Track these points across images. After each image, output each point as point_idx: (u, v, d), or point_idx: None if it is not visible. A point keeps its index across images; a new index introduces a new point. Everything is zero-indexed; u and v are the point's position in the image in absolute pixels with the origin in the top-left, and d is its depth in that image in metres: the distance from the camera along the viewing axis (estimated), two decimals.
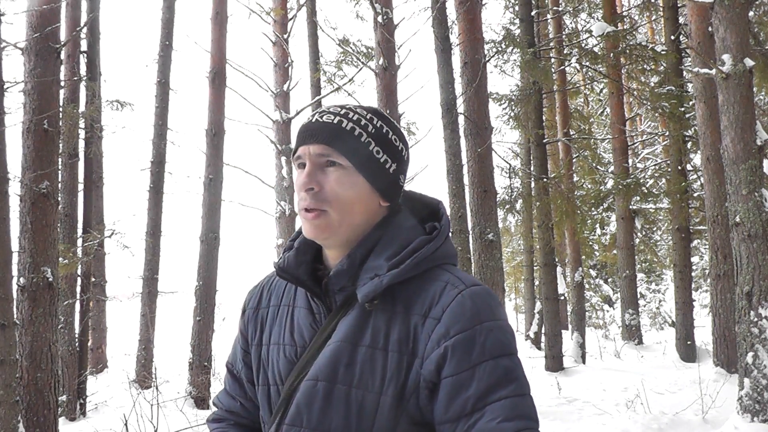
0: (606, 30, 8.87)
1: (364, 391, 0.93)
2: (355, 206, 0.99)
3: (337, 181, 0.98)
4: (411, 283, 0.98)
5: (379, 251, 0.99)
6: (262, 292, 1.15)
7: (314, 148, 0.99)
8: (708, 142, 7.22)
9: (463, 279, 0.98)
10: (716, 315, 7.41)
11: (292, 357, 1.03)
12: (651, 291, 19.92)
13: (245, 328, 1.15)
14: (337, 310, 1.00)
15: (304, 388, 0.96)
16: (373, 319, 0.96)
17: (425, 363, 0.93)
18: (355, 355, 0.95)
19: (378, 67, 7.26)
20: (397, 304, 0.97)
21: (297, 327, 1.04)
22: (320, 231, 0.98)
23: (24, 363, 4.67)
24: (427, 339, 0.93)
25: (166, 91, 10.87)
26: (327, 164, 0.98)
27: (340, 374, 0.94)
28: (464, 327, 0.92)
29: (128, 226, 14.72)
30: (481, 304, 0.95)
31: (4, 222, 4.28)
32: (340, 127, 0.99)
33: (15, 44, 4.99)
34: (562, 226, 10.93)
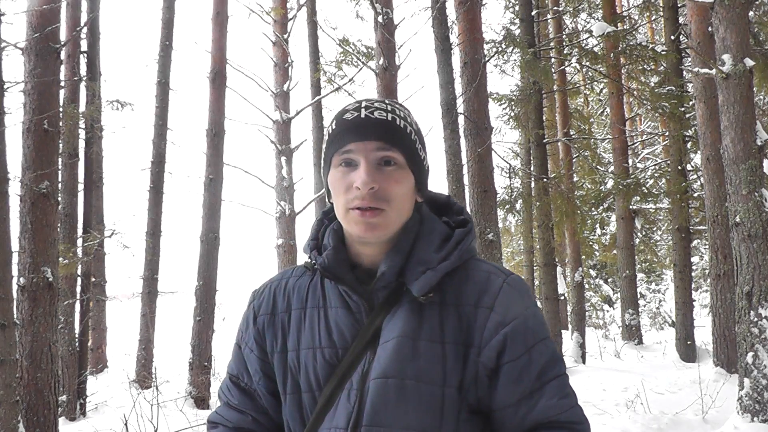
0: (606, 30, 8.87)
1: (431, 385, 0.94)
2: (407, 203, 1.00)
3: (396, 180, 0.97)
4: (455, 275, 0.99)
5: (424, 245, 1.00)
6: (275, 295, 1.09)
7: (372, 144, 0.97)
8: (708, 142, 7.21)
9: (500, 268, 1.03)
10: (716, 315, 7.41)
11: (332, 359, 0.99)
12: (651, 291, 19.91)
13: (260, 336, 1.08)
14: (380, 307, 0.99)
15: (376, 387, 0.94)
16: (426, 313, 0.97)
17: (484, 351, 0.95)
18: (418, 349, 0.94)
19: (378, 67, 7.26)
20: (447, 296, 0.98)
21: (336, 328, 1.00)
22: (378, 230, 0.96)
23: (24, 363, 4.67)
24: (482, 328, 0.95)
25: (166, 91, 10.88)
26: (384, 162, 0.97)
27: (407, 369, 0.93)
28: (517, 314, 0.96)
29: (128, 226, 14.73)
30: (523, 291, 1.00)
31: (4, 222, 4.28)
32: (394, 124, 0.99)
33: (15, 44, 4.99)
34: (562, 226, 10.93)
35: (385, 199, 0.96)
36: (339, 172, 0.98)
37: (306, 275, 1.09)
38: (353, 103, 1.02)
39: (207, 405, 7.82)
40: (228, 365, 1.14)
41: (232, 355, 1.13)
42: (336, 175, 0.99)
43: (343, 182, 0.97)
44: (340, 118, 1.00)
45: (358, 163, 0.96)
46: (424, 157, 1.03)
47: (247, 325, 1.10)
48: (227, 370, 1.14)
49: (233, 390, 1.10)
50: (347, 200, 0.96)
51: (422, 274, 0.96)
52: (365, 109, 0.99)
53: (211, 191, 8.37)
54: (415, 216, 1.03)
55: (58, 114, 5.13)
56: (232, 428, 1.09)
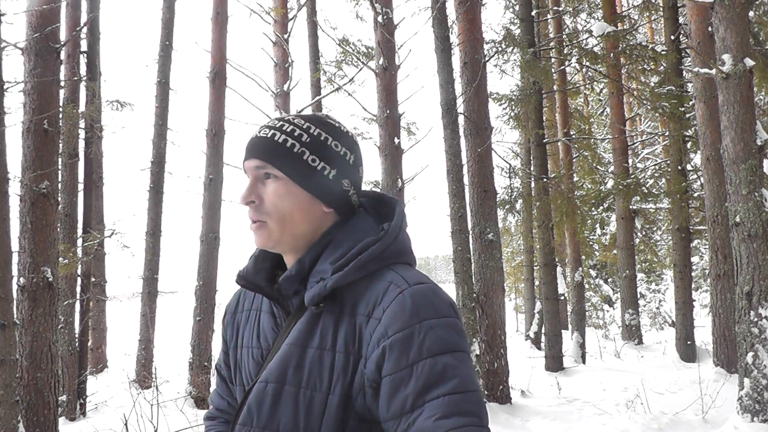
0: (606, 30, 8.88)
1: (313, 391, 0.97)
2: (295, 215, 1.03)
3: (274, 193, 1.02)
4: (358, 285, 0.99)
5: (326, 255, 1.02)
6: (240, 296, 1.20)
7: (251, 162, 1.04)
8: (708, 142, 7.22)
9: (408, 278, 0.98)
10: (716, 315, 7.41)
11: (258, 359, 1.08)
12: (651, 291, 19.91)
13: (225, 332, 1.20)
14: (294, 314, 1.04)
15: (255, 390, 1.01)
16: (321, 322, 1.00)
17: (368, 363, 0.95)
18: (304, 357, 0.98)
19: (378, 67, 7.26)
20: (345, 306, 0.99)
21: (262, 331, 1.09)
22: (263, 240, 1.04)
23: (24, 363, 4.67)
24: (369, 339, 0.95)
25: (166, 91, 10.87)
26: (265, 177, 1.03)
27: (289, 376, 0.98)
28: (402, 326, 0.92)
29: (128, 226, 14.74)
30: (422, 302, 0.94)
31: (4, 222, 4.28)
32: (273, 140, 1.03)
33: (15, 44, 4.99)
34: (562, 226, 10.93)
35: (265, 212, 1.02)
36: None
37: None
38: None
39: (207, 405, 7.82)
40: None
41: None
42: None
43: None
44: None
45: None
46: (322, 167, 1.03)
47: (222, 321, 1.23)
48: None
49: (217, 377, 1.24)
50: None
51: (315, 284, 0.99)
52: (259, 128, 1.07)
53: (211, 191, 8.37)
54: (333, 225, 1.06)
55: (58, 114, 5.13)
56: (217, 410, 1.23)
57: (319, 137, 1.04)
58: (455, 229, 6.56)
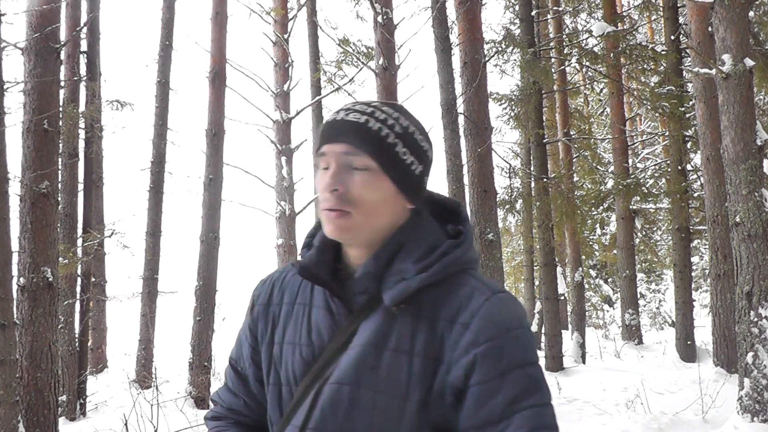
0: (606, 30, 8.88)
1: (389, 397, 0.92)
2: (380, 209, 0.97)
3: (362, 183, 0.95)
4: (437, 287, 0.96)
5: (405, 254, 0.97)
6: (273, 287, 1.12)
7: (339, 147, 0.96)
8: (708, 142, 7.22)
9: (489, 285, 0.98)
10: (716, 315, 7.41)
11: (308, 358, 1.00)
12: (651, 291, 19.91)
13: (254, 325, 1.11)
14: (359, 312, 0.98)
15: (329, 393, 0.94)
16: (398, 323, 0.95)
17: (453, 369, 0.92)
18: (380, 359, 0.93)
19: (378, 67, 7.26)
20: (423, 308, 0.95)
21: (315, 327, 1.01)
22: (342, 231, 0.96)
23: (24, 363, 4.67)
24: (454, 345, 0.92)
25: (166, 91, 10.87)
26: (352, 164, 0.96)
27: (365, 378, 0.92)
28: (493, 335, 0.92)
29: (128, 226, 14.69)
30: (508, 311, 0.95)
31: (4, 222, 4.28)
32: (366, 127, 0.97)
33: (15, 44, 4.99)
34: (562, 226, 10.93)
35: (351, 202, 0.95)
36: (319, 173, 0.99)
37: None
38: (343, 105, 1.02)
39: (207, 405, 7.82)
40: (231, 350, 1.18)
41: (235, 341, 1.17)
42: (317, 177, 1.00)
43: (320, 183, 0.98)
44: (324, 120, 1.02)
45: (330, 166, 0.97)
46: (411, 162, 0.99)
47: (247, 312, 1.14)
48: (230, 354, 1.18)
49: (230, 373, 1.15)
50: (322, 201, 0.97)
51: (396, 284, 0.94)
52: (344, 111, 0.99)
53: (211, 191, 8.37)
54: (409, 222, 1.00)
55: (58, 114, 5.13)
56: (227, 409, 1.15)
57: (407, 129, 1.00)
58: None
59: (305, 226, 14.21)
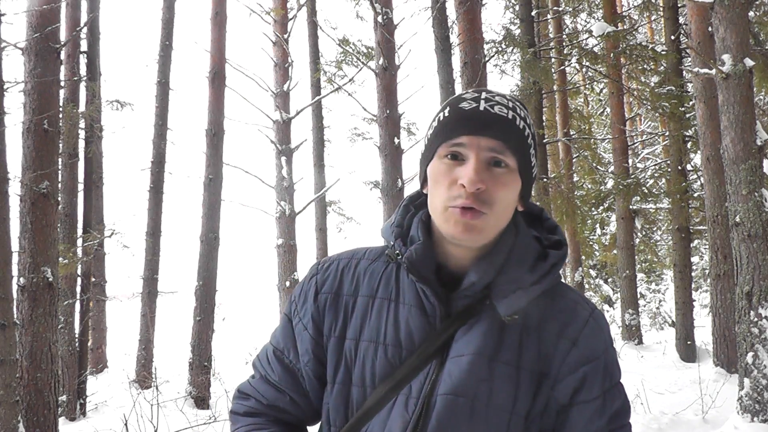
0: (606, 30, 8.87)
1: (499, 411, 0.88)
2: (509, 211, 0.92)
3: (505, 184, 0.89)
4: (541, 299, 0.93)
5: (517, 261, 0.92)
6: (342, 275, 1.00)
7: (487, 142, 0.88)
8: (708, 142, 7.21)
9: (585, 299, 0.98)
10: (716, 315, 7.41)
11: (394, 359, 0.92)
12: (651, 291, 19.89)
13: (319, 315, 0.99)
14: (457, 317, 0.92)
15: (446, 404, 0.87)
16: (506, 334, 0.91)
17: (559, 385, 0.91)
18: (492, 371, 0.89)
19: (378, 67, 7.26)
20: (530, 320, 0.92)
21: (405, 327, 0.93)
22: (475, 233, 0.88)
23: (24, 363, 4.67)
24: (561, 360, 0.91)
25: (166, 91, 10.88)
26: (494, 162, 0.89)
27: (479, 390, 0.88)
28: (600, 353, 0.93)
29: (128, 226, 14.72)
30: (606, 328, 0.96)
31: (4, 222, 4.28)
32: (514, 124, 0.90)
33: (15, 44, 4.98)
34: (562, 226, 10.92)
35: (489, 202, 0.88)
36: (444, 164, 0.90)
37: (380, 261, 1.00)
38: (471, 91, 0.93)
39: (207, 405, 7.82)
40: (272, 336, 1.05)
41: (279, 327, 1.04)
42: (440, 166, 0.91)
43: (447, 176, 0.89)
44: (455, 106, 0.91)
45: (467, 159, 0.88)
46: (534, 164, 0.95)
47: (305, 299, 1.01)
48: (271, 341, 1.05)
49: (275, 364, 1.02)
50: (449, 197, 0.88)
51: (512, 293, 0.89)
52: (485, 101, 0.90)
53: (211, 191, 8.37)
54: (511, 227, 0.95)
55: (58, 114, 5.13)
56: (267, 405, 1.02)
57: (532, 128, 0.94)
58: None
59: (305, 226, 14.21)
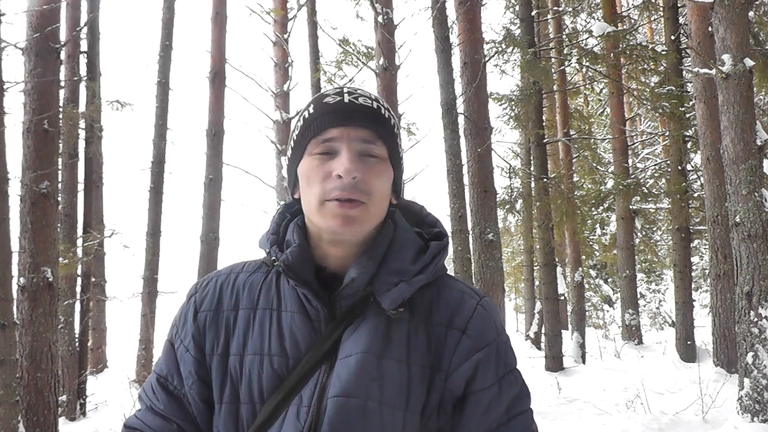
0: (606, 30, 8.87)
1: (392, 408, 0.85)
2: (385, 202, 0.90)
3: (379, 173, 0.88)
4: (425, 291, 0.91)
5: (397, 253, 0.90)
6: (221, 291, 0.96)
7: (358, 132, 0.87)
8: (708, 142, 7.22)
9: (472, 288, 0.96)
10: (716, 315, 7.41)
11: (282, 370, 0.88)
12: (651, 291, 19.90)
13: (200, 334, 0.94)
14: (343, 317, 0.89)
15: (337, 406, 0.83)
16: (393, 329, 0.88)
17: (452, 377, 0.88)
18: (381, 369, 0.85)
19: (378, 67, 7.26)
20: (415, 313, 0.90)
21: (290, 335, 0.89)
22: (355, 224, 0.86)
23: (24, 363, 4.67)
24: (452, 351, 0.88)
25: (166, 91, 10.87)
26: (367, 152, 0.88)
27: (370, 390, 0.84)
28: (489, 340, 0.90)
29: (128, 226, 14.72)
30: (495, 315, 0.94)
31: (4, 222, 4.28)
32: (380, 114, 0.90)
33: (15, 44, 4.98)
34: (562, 226, 10.93)
35: (367, 191, 0.86)
36: (316, 159, 0.88)
37: (259, 272, 0.97)
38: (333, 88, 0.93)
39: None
40: (156, 364, 1.00)
41: (162, 354, 0.99)
42: (311, 163, 0.88)
43: (320, 170, 0.87)
44: (319, 102, 0.90)
45: (338, 152, 0.87)
46: (401, 156, 0.95)
47: (185, 320, 0.96)
48: (154, 369, 1.00)
49: (159, 393, 0.96)
50: (324, 190, 0.86)
51: (395, 286, 0.87)
52: (348, 94, 0.89)
53: (211, 191, 8.37)
54: (389, 221, 0.93)
55: (58, 114, 5.13)
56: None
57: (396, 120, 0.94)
58: (455, 229, 6.55)
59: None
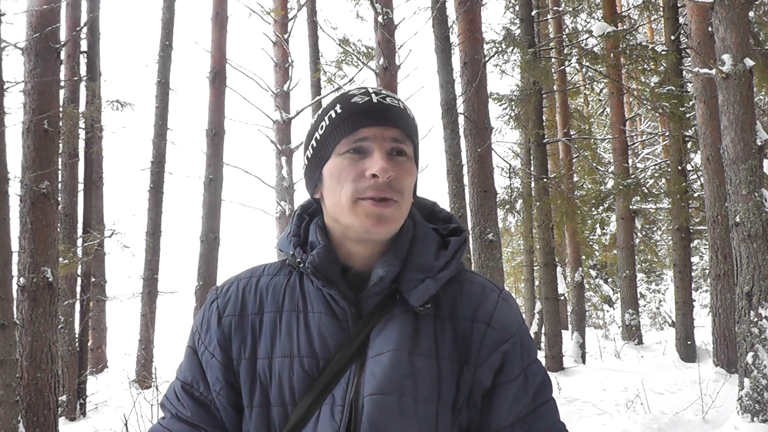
0: (606, 30, 8.87)
1: (426, 404, 0.86)
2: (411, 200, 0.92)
3: (409, 173, 0.89)
4: (449, 285, 0.93)
5: (420, 250, 0.91)
6: (244, 295, 0.96)
7: (390, 132, 0.88)
8: (708, 142, 7.21)
9: (492, 281, 0.99)
10: (716, 315, 7.41)
11: (312, 371, 0.88)
12: (651, 291, 19.91)
13: (226, 340, 0.94)
14: (370, 315, 0.89)
15: (375, 404, 0.83)
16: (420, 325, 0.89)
17: (481, 369, 0.89)
18: (413, 365, 0.86)
19: (378, 67, 7.26)
20: (441, 308, 0.91)
21: (318, 336, 0.89)
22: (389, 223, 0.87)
23: (24, 363, 4.67)
24: (479, 344, 0.90)
25: (166, 91, 10.88)
26: (397, 152, 0.89)
27: (404, 386, 0.85)
28: (514, 331, 0.93)
29: (128, 226, 14.76)
30: (516, 307, 0.97)
31: (4, 222, 4.28)
32: (407, 113, 0.92)
33: (15, 44, 4.98)
34: (562, 226, 10.93)
35: (399, 190, 0.87)
36: (347, 159, 0.88)
37: (281, 274, 0.97)
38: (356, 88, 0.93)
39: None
40: (178, 371, 1.00)
41: (184, 360, 1.00)
42: (342, 162, 0.88)
43: (352, 170, 0.87)
44: (347, 102, 0.90)
45: (370, 151, 0.87)
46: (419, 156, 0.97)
47: (208, 326, 0.96)
48: (177, 377, 1.00)
49: (185, 400, 0.96)
50: (357, 189, 0.86)
51: (421, 283, 0.88)
52: (375, 94, 0.90)
53: (211, 191, 8.37)
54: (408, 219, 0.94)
55: (58, 114, 5.13)
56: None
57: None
58: None
59: None
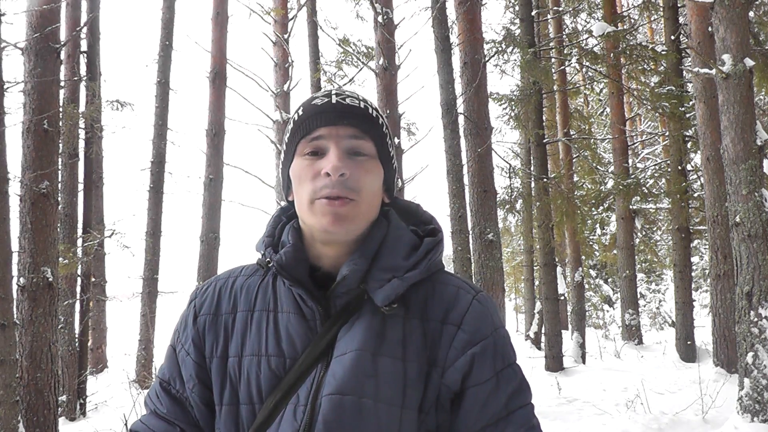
0: (606, 30, 8.87)
1: (388, 405, 0.85)
2: (376, 199, 0.92)
3: (367, 170, 0.90)
4: (421, 287, 0.92)
5: (389, 251, 0.91)
6: (220, 295, 0.99)
7: (344, 130, 0.90)
8: (708, 142, 7.21)
9: (469, 283, 0.96)
10: (716, 315, 7.41)
11: (279, 370, 0.89)
12: (651, 291, 19.91)
13: (200, 338, 0.97)
14: (337, 316, 0.90)
15: (331, 404, 0.84)
16: (388, 326, 0.88)
17: (448, 372, 0.88)
18: (377, 366, 0.86)
19: (378, 67, 7.26)
20: (410, 309, 0.90)
21: (286, 335, 0.91)
22: (346, 222, 0.87)
23: (24, 363, 4.67)
24: (448, 346, 0.89)
25: (166, 91, 10.87)
26: (355, 150, 0.90)
27: (365, 387, 0.84)
28: (486, 334, 0.90)
29: (128, 226, 14.76)
30: (492, 309, 0.94)
31: (4, 222, 4.28)
32: (367, 113, 0.93)
33: (15, 44, 4.98)
34: (562, 226, 10.93)
35: (356, 188, 0.87)
36: (305, 160, 0.90)
37: (257, 275, 0.99)
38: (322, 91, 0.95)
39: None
40: (159, 369, 1.03)
41: (164, 359, 1.03)
42: (301, 163, 0.91)
43: (310, 170, 0.89)
44: (308, 105, 0.93)
45: (327, 150, 0.89)
46: (392, 155, 0.97)
47: (185, 325, 1.00)
48: (158, 374, 1.02)
49: (163, 397, 0.98)
50: (314, 189, 0.88)
51: (387, 282, 0.88)
52: (336, 95, 0.92)
53: (211, 191, 8.37)
54: (382, 220, 0.95)
55: (58, 114, 5.13)
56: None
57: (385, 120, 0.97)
58: (455, 229, 6.55)
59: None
